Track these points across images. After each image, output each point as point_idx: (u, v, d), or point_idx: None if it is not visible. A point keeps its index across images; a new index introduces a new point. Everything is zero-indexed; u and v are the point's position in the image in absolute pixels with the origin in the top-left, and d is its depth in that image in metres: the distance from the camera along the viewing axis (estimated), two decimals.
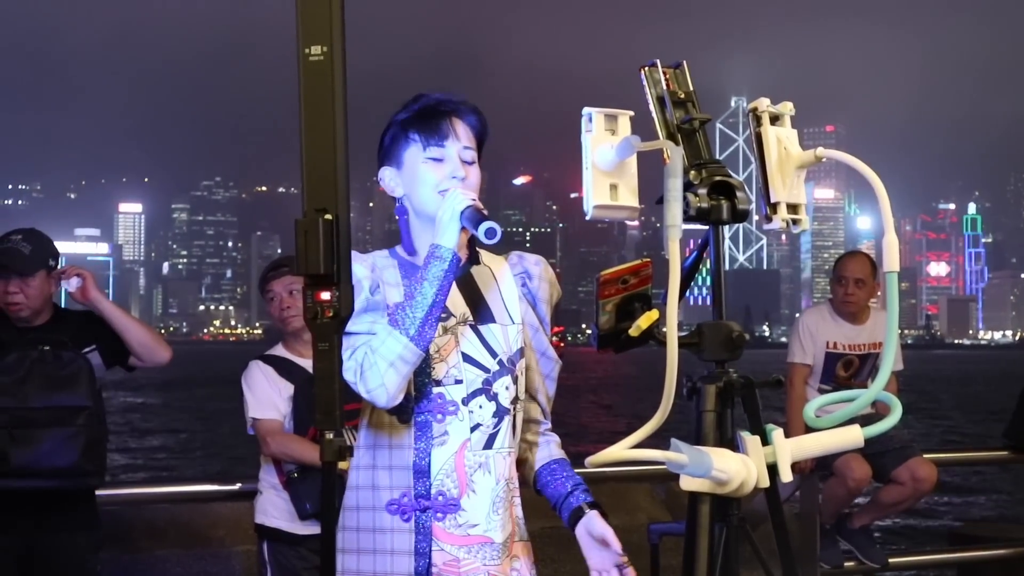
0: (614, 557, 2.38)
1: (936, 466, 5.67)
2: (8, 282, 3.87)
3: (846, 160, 2.19)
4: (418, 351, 2.24)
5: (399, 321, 2.24)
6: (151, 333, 4.12)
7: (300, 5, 2.00)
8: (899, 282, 2.17)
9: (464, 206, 2.26)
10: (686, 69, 2.30)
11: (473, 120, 2.44)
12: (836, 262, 5.89)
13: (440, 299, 2.25)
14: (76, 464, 3.76)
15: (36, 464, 3.69)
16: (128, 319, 4.06)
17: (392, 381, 2.23)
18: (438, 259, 2.25)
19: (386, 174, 2.45)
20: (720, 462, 2.09)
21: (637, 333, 2.19)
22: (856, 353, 5.65)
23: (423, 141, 2.39)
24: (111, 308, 4.01)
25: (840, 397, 2.32)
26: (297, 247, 2.02)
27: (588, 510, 2.42)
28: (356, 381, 2.24)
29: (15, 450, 3.66)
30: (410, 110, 2.43)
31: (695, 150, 2.25)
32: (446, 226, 2.26)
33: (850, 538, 5.72)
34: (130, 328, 4.02)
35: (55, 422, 3.74)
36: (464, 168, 2.39)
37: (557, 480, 2.50)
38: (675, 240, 2.10)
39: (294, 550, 4.07)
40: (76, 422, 3.77)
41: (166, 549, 5.07)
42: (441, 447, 2.35)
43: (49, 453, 3.71)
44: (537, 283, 2.51)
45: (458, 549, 2.34)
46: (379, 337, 2.24)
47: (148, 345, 4.03)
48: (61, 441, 3.73)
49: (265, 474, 4.17)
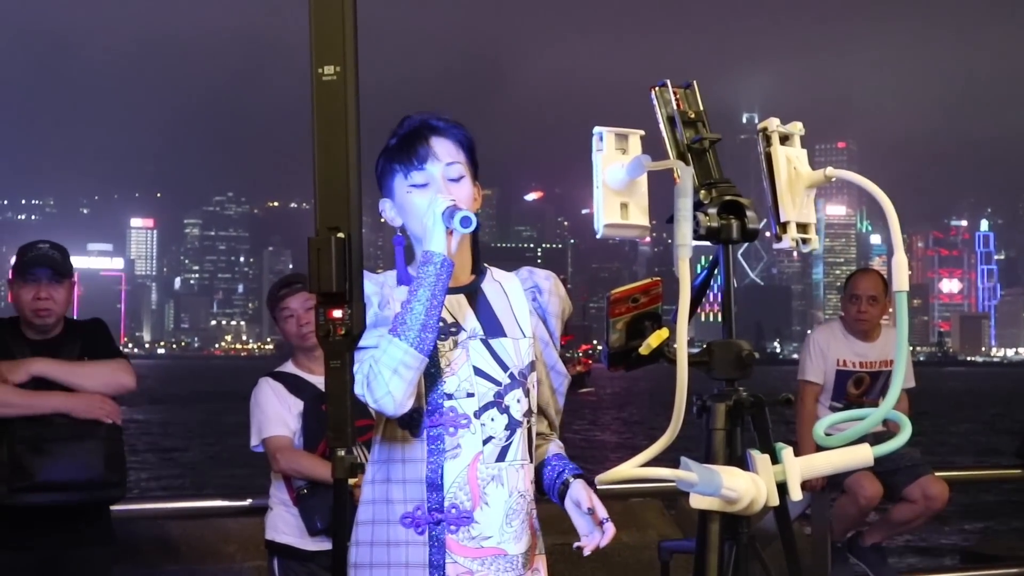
0: (592, 517, 2.39)
1: (948, 484, 5.66)
2: (39, 287, 3.87)
3: (856, 180, 2.19)
4: (420, 356, 2.26)
5: (398, 329, 2.26)
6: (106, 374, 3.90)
7: (313, 25, 2.02)
8: (911, 299, 2.18)
9: (443, 207, 2.30)
10: (696, 89, 2.32)
11: (456, 134, 2.46)
12: (848, 279, 5.89)
13: (437, 303, 2.28)
14: (100, 476, 3.78)
15: (61, 478, 3.70)
16: (78, 373, 3.85)
17: (398, 388, 2.25)
18: (430, 264, 2.28)
19: (386, 206, 2.49)
20: (730, 480, 2.10)
21: (647, 351, 2.20)
22: (867, 371, 5.64)
23: (403, 170, 2.43)
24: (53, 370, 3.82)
25: (850, 416, 2.32)
26: (310, 265, 2.04)
27: (573, 480, 2.45)
28: (364, 393, 2.27)
29: (39, 464, 3.67)
30: (395, 136, 2.46)
31: (705, 170, 2.26)
32: (431, 231, 2.30)
33: (862, 556, 5.70)
34: (84, 384, 3.84)
35: (77, 435, 3.75)
36: (449, 188, 2.41)
37: (552, 468, 2.52)
38: (685, 259, 2.11)
39: (304, 566, 4.08)
40: (98, 434, 3.79)
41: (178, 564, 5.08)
42: (453, 460, 2.36)
43: (73, 466, 3.72)
44: (547, 297, 2.53)
45: (472, 561, 2.36)
46: (381, 347, 2.27)
47: (110, 387, 3.90)
48: (84, 454, 3.75)
49: (275, 490, 4.18)
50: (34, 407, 3.73)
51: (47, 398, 3.76)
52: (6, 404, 3.70)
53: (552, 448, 2.57)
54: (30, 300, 3.87)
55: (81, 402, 3.79)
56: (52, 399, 3.76)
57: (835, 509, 5.64)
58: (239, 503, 4.85)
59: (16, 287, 3.89)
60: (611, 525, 2.38)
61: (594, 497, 2.40)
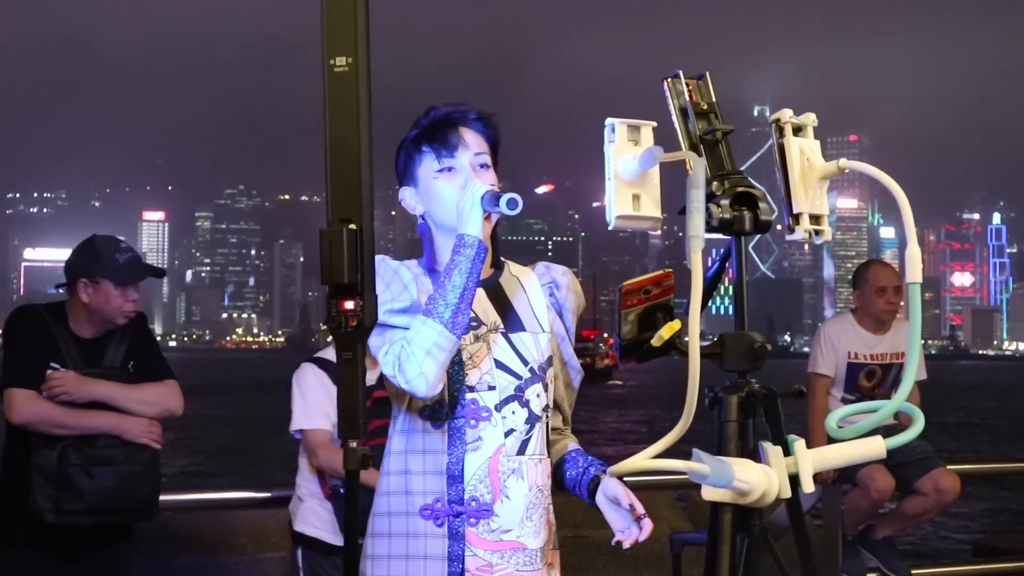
0: (631, 513, 2.39)
1: (960, 477, 5.65)
2: (127, 289, 3.83)
3: (869, 172, 2.19)
4: (453, 337, 2.27)
5: (432, 310, 2.27)
6: (159, 400, 3.86)
7: (325, 17, 2.02)
8: (923, 292, 2.17)
9: (483, 191, 2.30)
10: (709, 80, 2.31)
11: (482, 127, 2.47)
12: (865, 271, 5.81)
13: (471, 286, 2.28)
14: (144, 503, 3.79)
15: (108, 504, 3.69)
16: (134, 399, 3.80)
17: (430, 369, 2.25)
18: (466, 247, 2.28)
19: (406, 194, 2.49)
20: (742, 472, 2.09)
21: (659, 343, 2.20)
22: (878, 363, 5.63)
23: (434, 153, 2.43)
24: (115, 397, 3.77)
25: (862, 408, 2.32)
26: (322, 257, 2.04)
27: (604, 477, 2.45)
28: (395, 373, 2.27)
29: (89, 488, 3.65)
30: (420, 126, 2.46)
31: (717, 161, 2.26)
32: (468, 214, 2.30)
33: (873, 549, 5.69)
34: (139, 411, 3.80)
35: (127, 460, 3.73)
36: (477, 175, 2.42)
37: (576, 464, 2.52)
38: (697, 251, 2.11)
39: (329, 559, 4.10)
40: (144, 459, 3.78)
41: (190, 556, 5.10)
42: (475, 452, 2.37)
43: (121, 493, 3.70)
44: (565, 293, 2.54)
45: (491, 555, 2.36)
46: (414, 328, 2.27)
47: (162, 414, 3.86)
48: (132, 480, 3.73)
49: (307, 483, 4.17)
50: (87, 428, 3.70)
51: (99, 419, 3.72)
52: (61, 424, 3.67)
53: (570, 444, 2.57)
54: (123, 302, 3.81)
55: (132, 425, 3.75)
56: (104, 420, 3.73)
57: (847, 502, 5.63)
58: (252, 495, 4.87)
59: (104, 288, 3.79)
60: (648, 520, 2.38)
61: (631, 492, 2.40)
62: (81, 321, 3.82)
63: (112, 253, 3.87)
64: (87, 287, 3.80)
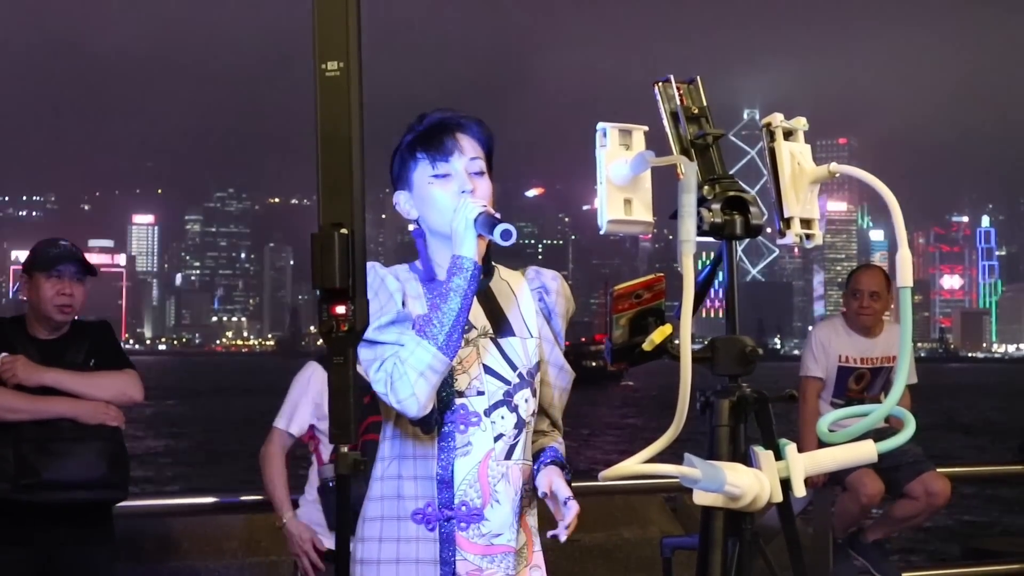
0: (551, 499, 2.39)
1: (950, 480, 5.66)
2: (63, 283, 3.87)
3: (860, 175, 2.19)
4: (446, 360, 2.27)
5: (426, 331, 2.27)
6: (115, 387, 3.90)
7: (317, 21, 2.02)
8: (912, 296, 2.17)
9: (476, 213, 2.29)
10: (700, 84, 2.31)
11: (477, 132, 2.47)
12: (850, 275, 5.88)
13: (465, 308, 2.29)
14: (104, 476, 3.80)
15: (66, 477, 3.72)
16: (88, 384, 3.85)
17: (423, 390, 2.26)
18: (460, 270, 2.29)
19: (400, 198, 2.49)
20: (733, 477, 2.09)
21: (651, 347, 2.20)
22: (868, 367, 5.64)
23: (429, 159, 2.43)
24: (66, 382, 3.81)
25: (854, 412, 2.32)
26: (313, 261, 2.03)
27: (543, 468, 2.45)
28: (387, 392, 2.27)
29: (45, 463, 3.69)
30: (415, 131, 2.47)
31: (709, 165, 2.26)
32: (463, 236, 2.30)
33: (863, 553, 5.70)
34: (94, 395, 3.83)
35: (81, 437, 3.77)
36: (472, 181, 2.42)
37: (539, 462, 2.50)
38: (689, 255, 2.11)
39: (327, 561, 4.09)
40: (102, 436, 3.80)
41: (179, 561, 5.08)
42: (464, 457, 2.38)
43: (78, 466, 3.73)
44: (554, 298, 2.54)
45: (481, 559, 2.37)
46: (408, 348, 2.27)
47: (119, 400, 3.90)
48: (88, 454, 3.76)
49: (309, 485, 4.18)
50: (41, 412, 3.75)
51: (54, 403, 3.77)
52: (14, 409, 3.72)
53: (548, 443, 2.57)
54: (54, 295, 3.86)
55: (87, 408, 3.80)
56: (59, 404, 3.78)
57: (837, 506, 5.64)
58: (241, 499, 4.85)
59: (37, 281, 3.87)
60: (574, 503, 2.37)
61: (555, 480, 2.39)
62: (33, 322, 3.91)
63: (46, 249, 3.94)
64: (26, 284, 3.90)
